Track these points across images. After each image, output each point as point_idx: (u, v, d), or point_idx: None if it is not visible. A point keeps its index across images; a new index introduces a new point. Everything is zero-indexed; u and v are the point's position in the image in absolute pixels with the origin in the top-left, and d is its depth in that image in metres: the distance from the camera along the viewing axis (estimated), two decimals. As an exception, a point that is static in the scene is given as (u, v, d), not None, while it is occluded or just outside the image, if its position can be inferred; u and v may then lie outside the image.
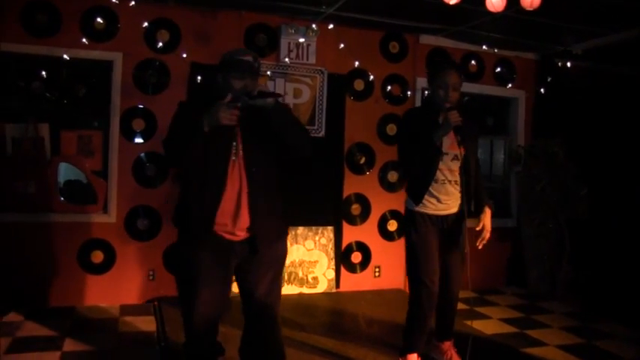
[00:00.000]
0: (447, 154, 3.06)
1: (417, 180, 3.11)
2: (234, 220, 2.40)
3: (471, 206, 3.16)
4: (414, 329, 3.19)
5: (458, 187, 3.10)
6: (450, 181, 3.08)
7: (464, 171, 3.10)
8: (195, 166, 2.40)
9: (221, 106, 2.27)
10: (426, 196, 3.07)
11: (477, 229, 3.22)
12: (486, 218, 3.23)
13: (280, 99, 2.41)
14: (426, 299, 3.10)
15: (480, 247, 3.19)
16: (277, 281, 2.61)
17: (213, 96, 2.39)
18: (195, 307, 2.44)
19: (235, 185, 2.40)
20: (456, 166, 3.09)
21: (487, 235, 3.21)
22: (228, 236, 2.41)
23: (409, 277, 3.23)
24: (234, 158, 2.40)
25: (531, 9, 3.38)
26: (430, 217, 3.10)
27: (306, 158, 2.56)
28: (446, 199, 3.09)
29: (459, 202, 3.13)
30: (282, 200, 2.59)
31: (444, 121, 2.98)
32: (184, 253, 2.50)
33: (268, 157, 2.50)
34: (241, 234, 2.43)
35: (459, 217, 3.15)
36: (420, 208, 3.11)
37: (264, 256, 2.48)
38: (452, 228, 3.15)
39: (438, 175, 3.05)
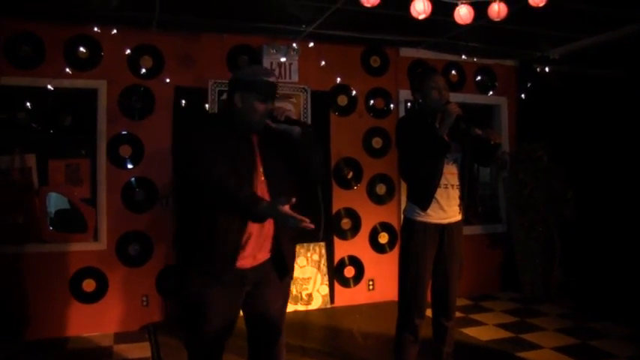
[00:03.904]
0: (447, 157, 3.00)
1: (423, 183, 3.01)
2: (258, 245, 2.32)
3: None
4: (405, 342, 3.15)
5: (458, 192, 3.07)
6: (452, 186, 3.04)
7: (462, 174, 3.08)
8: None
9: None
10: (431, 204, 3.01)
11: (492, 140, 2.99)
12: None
13: (309, 129, 2.36)
14: (416, 311, 3.08)
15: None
16: (286, 307, 2.55)
17: (233, 120, 2.29)
18: (204, 334, 2.32)
19: None
20: (455, 169, 3.06)
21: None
22: (244, 263, 2.29)
23: (400, 285, 3.20)
24: (256, 182, 2.29)
25: (499, 19, 3.41)
26: (431, 226, 3.04)
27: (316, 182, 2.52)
28: (448, 206, 3.04)
29: (458, 209, 3.10)
30: None
31: (444, 114, 2.90)
32: (197, 282, 2.31)
33: (289, 181, 2.42)
34: (261, 258, 2.35)
35: (458, 226, 3.12)
36: (422, 218, 3.04)
37: (278, 282, 2.43)
38: (452, 237, 3.09)
39: (441, 179, 2.99)
